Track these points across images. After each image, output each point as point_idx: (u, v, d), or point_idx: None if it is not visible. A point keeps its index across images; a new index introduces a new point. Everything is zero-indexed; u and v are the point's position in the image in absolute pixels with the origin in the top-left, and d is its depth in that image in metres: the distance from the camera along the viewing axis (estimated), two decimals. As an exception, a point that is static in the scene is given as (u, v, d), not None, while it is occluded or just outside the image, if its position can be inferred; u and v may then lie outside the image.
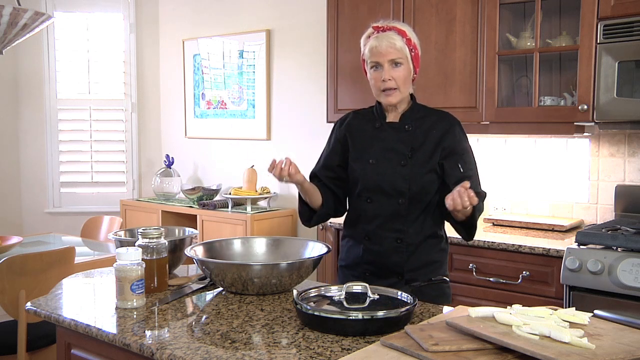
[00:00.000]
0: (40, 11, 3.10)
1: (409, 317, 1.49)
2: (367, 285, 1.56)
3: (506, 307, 1.42)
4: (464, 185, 1.68)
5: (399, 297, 1.57)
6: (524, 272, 2.53)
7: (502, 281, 2.60)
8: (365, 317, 1.41)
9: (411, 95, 2.02)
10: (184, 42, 4.81)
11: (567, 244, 2.52)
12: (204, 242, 2.00)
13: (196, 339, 1.43)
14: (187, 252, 1.90)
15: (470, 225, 1.90)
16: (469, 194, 1.66)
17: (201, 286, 1.88)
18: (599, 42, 2.57)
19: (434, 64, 3.08)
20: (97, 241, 3.91)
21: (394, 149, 1.95)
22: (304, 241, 2.03)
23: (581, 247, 2.38)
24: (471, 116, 2.95)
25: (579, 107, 2.63)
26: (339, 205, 2.08)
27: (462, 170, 1.90)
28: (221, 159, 4.67)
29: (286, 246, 2.05)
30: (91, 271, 2.14)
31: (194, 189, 4.40)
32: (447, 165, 1.92)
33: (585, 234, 2.41)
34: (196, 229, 2.54)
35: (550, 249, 2.47)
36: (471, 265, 2.68)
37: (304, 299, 1.56)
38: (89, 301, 1.82)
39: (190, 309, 1.69)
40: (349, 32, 3.40)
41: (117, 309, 1.67)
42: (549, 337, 1.24)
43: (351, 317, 1.41)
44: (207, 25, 4.66)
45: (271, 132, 4.33)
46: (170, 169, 4.70)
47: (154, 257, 1.81)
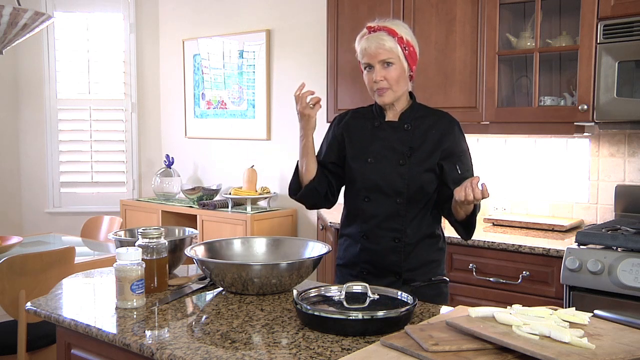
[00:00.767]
0: (40, 11, 3.10)
1: (409, 317, 1.49)
2: (367, 285, 1.56)
3: (506, 307, 1.42)
4: (475, 179, 1.72)
5: (399, 297, 1.57)
6: (524, 272, 2.53)
7: (502, 281, 2.60)
8: (365, 317, 1.41)
9: (411, 94, 2.02)
10: (184, 42, 4.81)
11: (567, 244, 2.52)
12: (204, 242, 2.00)
13: (196, 339, 1.43)
14: (187, 252, 1.90)
15: (469, 224, 1.91)
16: (481, 188, 1.70)
17: (201, 286, 1.88)
18: (599, 42, 2.57)
19: (434, 64, 3.08)
20: (97, 241, 3.91)
21: (393, 148, 1.95)
22: (304, 241, 2.03)
23: (581, 247, 2.38)
24: (471, 116, 2.95)
25: (579, 107, 2.63)
26: (330, 194, 2.04)
27: (459, 171, 1.91)
28: (221, 159, 4.67)
29: (286, 246, 2.05)
30: (91, 271, 2.14)
31: (194, 189, 4.40)
32: (446, 166, 1.92)
33: (585, 234, 2.41)
34: (196, 229, 2.55)
35: (550, 249, 2.47)
36: (471, 265, 2.68)
37: (304, 299, 1.55)
38: (89, 301, 1.82)
39: (190, 309, 1.69)
40: (349, 32, 3.39)
41: (117, 309, 1.67)
42: (549, 337, 1.24)
43: (351, 317, 1.41)
44: (207, 25, 4.66)
45: (271, 132, 4.33)
46: (170, 169, 4.70)
47: (154, 257, 1.81)
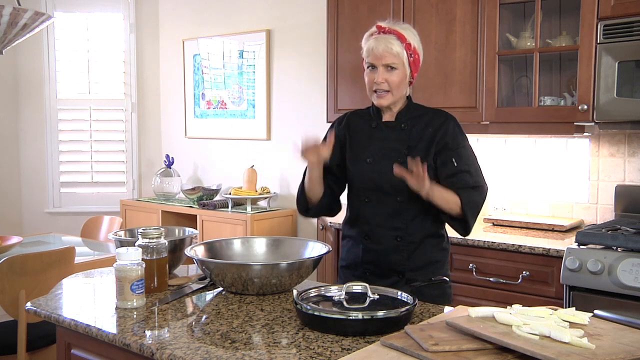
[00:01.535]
0: (40, 11, 3.10)
1: (409, 317, 1.49)
2: (367, 285, 1.56)
3: (506, 307, 1.42)
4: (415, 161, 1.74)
5: (399, 297, 1.57)
6: (524, 272, 2.53)
7: (502, 281, 2.60)
8: (365, 317, 1.41)
9: (408, 96, 2.02)
10: (184, 42, 4.81)
11: (567, 244, 2.52)
12: (204, 242, 2.00)
13: (196, 339, 1.43)
14: (187, 252, 1.90)
15: (464, 220, 1.89)
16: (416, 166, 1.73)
17: (201, 286, 1.88)
18: (599, 42, 2.57)
19: (434, 64, 3.08)
20: (97, 241, 3.91)
21: (391, 148, 1.95)
22: (304, 241, 2.03)
23: (581, 247, 2.38)
24: (471, 116, 2.95)
25: (579, 107, 2.63)
26: (334, 203, 2.10)
27: (456, 164, 1.90)
28: (221, 159, 4.67)
29: (286, 246, 2.05)
30: (91, 271, 2.14)
31: (194, 189, 4.40)
32: (440, 160, 1.92)
33: (585, 234, 2.41)
34: (196, 229, 2.54)
35: (550, 249, 2.47)
36: (471, 265, 2.68)
37: (304, 299, 1.55)
38: (89, 301, 1.82)
39: (190, 309, 1.69)
40: (349, 32, 3.40)
41: (117, 309, 1.67)
42: (549, 337, 1.24)
43: (351, 317, 1.41)
44: (207, 25, 4.66)
45: (271, 132, 4.33)
46: (170, 169, 4.70)
47: (154, 257, 1.81)
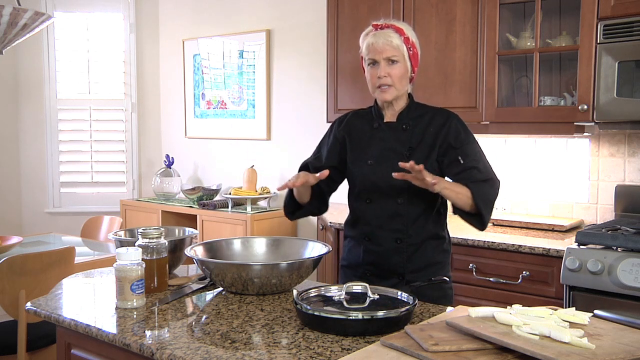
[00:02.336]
0: (40, 11, 3.10)
1: (409, 317, 1.49)
2: (367, 285, 1.56)
3: (506, 307, 1.42)
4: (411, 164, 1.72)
5: (399, 297, 1.57)
6: (524, 272, 2.53)
7: (502, 281, 2.60)
8: (365, 317, 1.41)
9: (409, 94, 2.02)
10: (184, 42, 4.81)
11: (567, 244, 2.52)
12: (204, 242, 2.00)
13: (196, 339, 1.43)
14: (187, 252, 1.90)
15: (478, 214, 1.88)
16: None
17: (201, 286, 1.88)
18: (599, 42, 2.57)
19: (434, 64, 3.08)
20: (97, 241, 3.91)
21: (392, 149, 1.94)
22: (304, 241, 2.03)
23: (581, 247, 2.38)
24: (471, 116, 2.95)
25: (579, 107, 2.63)
26: (322, 204, 2.11)
27: (462, 162, 1.89)
28: (221, 159, 4.67)
29: (286, 246, 2.05)
30: (91, 271, 2.14)
31: (194, 189, 4.40)
32: (446, 160, 1.91)
33: (585, 234, 2.41)
34: (196, 229, 2.54)
35: (550, 249, 2.47)
36: (471, 265, 2.68)
37: (304, 299, 1.55)
38: (89, 301, 1.82)
39: (190, 309, 1.69)
40: (349, 32, 3.40)
41: (117, 309, 1.67)
42: (549, 337, 1.24)
43: (351, 317, 1.41)
44: (207, 25, 4.66)
45: (271, 132, 4.33)
46: (170, 169, 4.70)
47: (154, 257, 1.81)
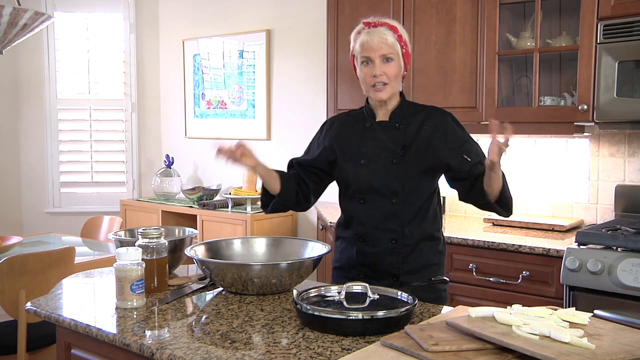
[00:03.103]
0: (40, 11, 3.10)
1: (409, 317, 1.49)
2: (367, 285, 1.56)
3: (506, 307, 1.42)
4: (493, 131, 1.70)
5: (399, 297, 1.57)
6: (524, 272, 2.53)
7: (502, 281, 2.60)
8: (365, 317, 1.41)
9: (400, 93, 2.00)
10: (184, 42, 4.81)
11: (567, 244, 2.52)
12: (204, 242, 2.00)
13: (196, 339, 1.43)
14: (187, 252, 1.90)
15: (504, 199, 1.88)
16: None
17: (201, 286, 1.88)
18: (599, 42, 2.57)
19: (434, 64, 3.08)
20: (97, 241, 3.91)
21: (386, 148, 1.92)
22: (304, 241, 2.03)
23: (581, 247, 2.38)
24: (471, 116, 2.95)
25: (579, 107, 2.63)
26: (304, 200, 2.04)
27: (469, 159, 1.89)
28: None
29: (286, 246, 2.04)
30: (91, 271, 2.14)
31: (194, 189, 4.40)
32: (454, 162, 1.90)
33: (585, 234, 2.41)
34: (196, 229, 2.54)
35: (550, 249, 2.47)
36: (471, 265, 2.68)
37: (304, 299, 1.55)
38: (89, 301, 1.82)
39: (190, 309, 1.69)
40: (349, 32, 3.35)
41: (117, 309, 1.67)
42: (549, 337, 1.24)
43: (351, 317, 1.41)
44: (207, 25, 4.66)
45: (271, 132, 4.33)
46: (170, 169, 4.70)
47: (154, 257, 1.81)
